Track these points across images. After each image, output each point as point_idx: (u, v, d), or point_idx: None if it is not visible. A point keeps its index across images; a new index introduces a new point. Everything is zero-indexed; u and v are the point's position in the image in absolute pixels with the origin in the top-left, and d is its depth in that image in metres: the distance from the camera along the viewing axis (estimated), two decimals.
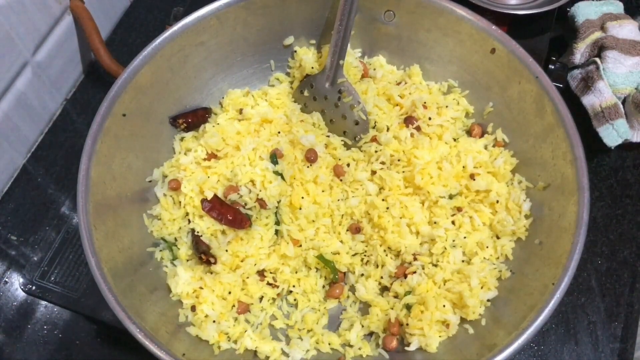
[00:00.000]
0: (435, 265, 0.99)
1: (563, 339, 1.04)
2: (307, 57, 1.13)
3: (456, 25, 1.04)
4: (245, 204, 0.99)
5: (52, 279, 1.07)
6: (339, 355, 0.96)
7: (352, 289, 1.02)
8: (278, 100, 1.12)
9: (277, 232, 1.01)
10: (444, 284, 0.97)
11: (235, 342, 0.94)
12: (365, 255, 1.03)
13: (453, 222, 1.01)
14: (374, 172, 1.05)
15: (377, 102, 1.09)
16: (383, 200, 1.02)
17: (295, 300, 1.01)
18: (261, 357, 0.93)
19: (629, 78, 1.17)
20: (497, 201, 1.00)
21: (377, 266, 1.02)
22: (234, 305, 0.97)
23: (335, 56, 1.05)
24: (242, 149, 1.03)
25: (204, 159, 1.04)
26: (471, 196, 1.02)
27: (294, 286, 1.01)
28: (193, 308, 0.95)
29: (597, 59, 1.18)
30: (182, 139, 1.09)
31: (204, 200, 0.98)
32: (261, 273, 1.00)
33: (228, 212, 0.97)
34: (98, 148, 0.92)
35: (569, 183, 0.91)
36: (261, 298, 1.00)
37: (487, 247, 0.99)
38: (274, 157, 1.02)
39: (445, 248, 0.98)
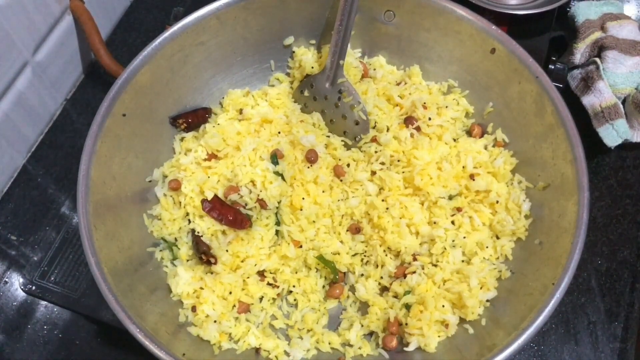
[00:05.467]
0: (435, 265, 0.99)
1: (563, 339, 1.04)
2: (307, 57, 1.13)
3: (456, 25, 1.04)
4: (246, 205, 0.99)
5: (52, 279, 1.07)
6: (339, 354, 0.96)
7: (352, 289, 1.02)
8: (278, 100, 1.12)
9: (277, 232, 1.01)
10: (444, 284, 0.97)
11: (237, 341, 0.94)
12: (365, 256, 1.03)
13: (453, 222, 1.01)
14: (373, 173, 1.05)
15: (377, 103, 1.09)
16: (383, 200, 1.02)
17: (295, 300, 1.01)
18: (264, 355, 0.93)
19: (629, 78, 1.17)
20: (497, 201, 1.00)
21: (377, 266, 1.02)
22: (234, 306, 0.97)
23: (335, 56, 1.05)
24: (242, 149, 1.03)
25: (204, 159, 1.04)
26: (471, 196, 1.02)
27: (294, 286, 1.01)
28: (193, 308, 0.95)
29: (597, 59, 1.18)
30: (182, 139, 1.09)
31: (204, 201, 0.98)
32: (261, 273, 1.00)
33: (228, 212, 0.97)
34: (98, 148, 0.92)
35: (569, 183, 0.91)
36: (261, 298, 1.00)
37: (487, 247, 0.99)
38: (275, 158, 1.02)
39: (445, 248, 0.98)
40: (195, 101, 1.11)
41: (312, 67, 1.12)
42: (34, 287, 1.07)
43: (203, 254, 0.97)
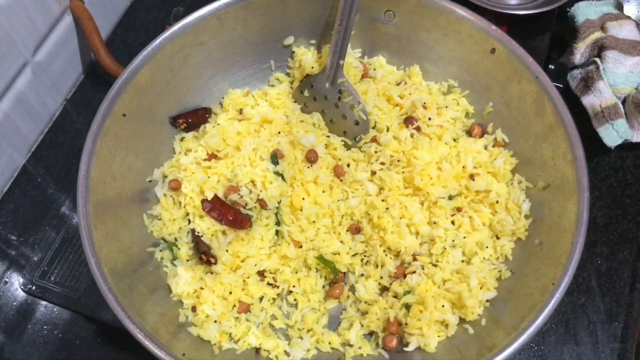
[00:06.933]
0: (435, 265, 0.99)
1: (563, 339, 1.04)
2: (307, 57, 1.13)
3: (456, 25, 1.04)
4: (246, 205, 0.99)
5: (52, 279, 1.07)
6: (339, 354, 0.96)
7: (352, 289, 1.02)
8: (278, 100, 1.12)
9: (277, 232, 1.01)
10: (444, 284, 0.97)
11: (237, 341, 0.94)
12: (365, 256, 1.03)
13: (453, 222, 1.01)
14: (373, 173, 1.05)
15: (377, 103, 1.09)
16: (383, 200, 1.02)
17: (295, 300, 1.01)
18: (264, 355, 0.93)
19: (629, 78, 1.17)
20: (497, 201, 1.00)
21: (377, 266, 1.02)
22: (234, 306, 0.97)
23: (335, 56, 1.05)
24: (242, 150, 1.03)
25: (204, 159, 1.05)
26: (471, 196, 1.02)
27: (294, 286, 1.01)
28: (194, 308, 0.95)
29: (597, 59, 1.18)
30: (182, 139, 1.09)
31: (204, 201, 0.98)
32: (261, 273, 1.00)
33: (228, 212, 0.97)
34: (98, 148, 0.92)
35: (569, 183, 0.91)
36: (261, 298, 1.00)
37: (487, 247, 0.99)
38: (275, 158, 1.02)
39: (445, 248, 0.98)
40: (195, 101, 1.11)
41: (312, 67, 1.12)
42: (34, 287, 1.07)
43: (203, 254, 0.97)
